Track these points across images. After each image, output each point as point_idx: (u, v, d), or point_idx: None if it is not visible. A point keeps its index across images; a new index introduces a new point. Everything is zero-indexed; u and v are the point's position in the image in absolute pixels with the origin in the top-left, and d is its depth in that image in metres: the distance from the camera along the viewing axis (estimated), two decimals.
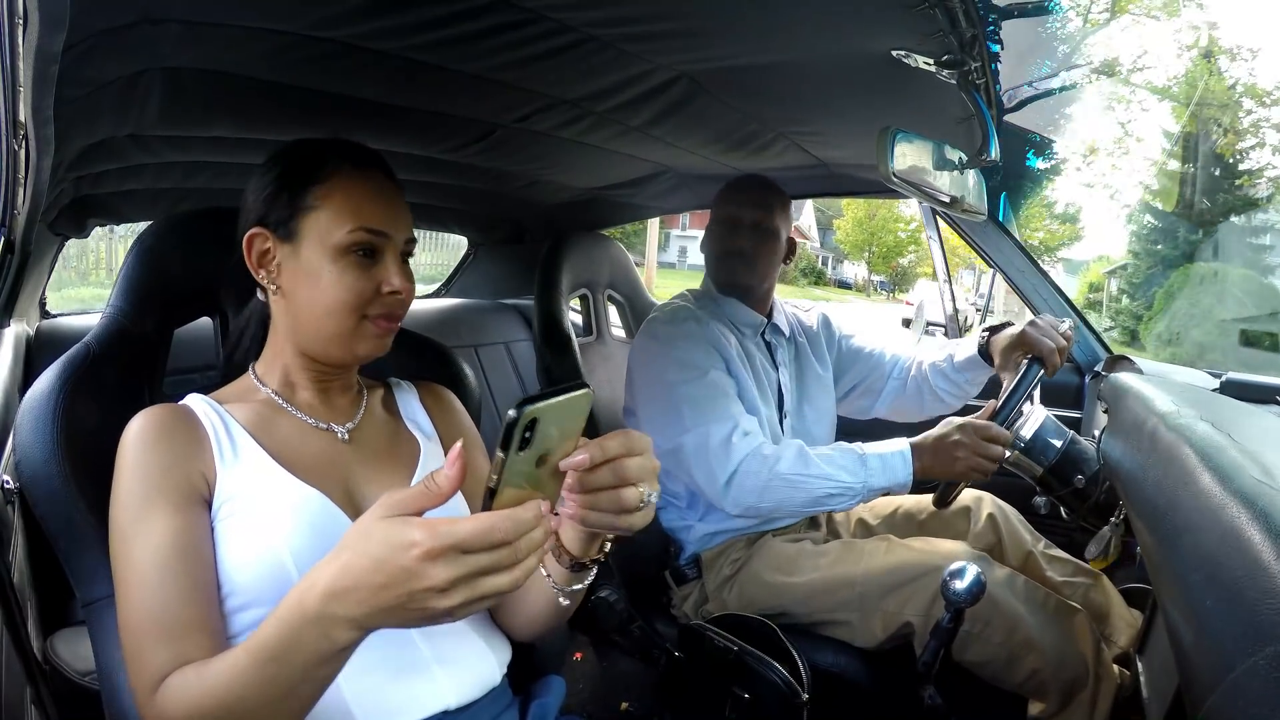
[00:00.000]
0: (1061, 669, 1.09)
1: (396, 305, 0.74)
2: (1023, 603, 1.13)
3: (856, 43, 0.85)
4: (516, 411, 0.46)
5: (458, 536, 0.46)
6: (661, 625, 1.36)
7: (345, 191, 0.71)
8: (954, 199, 1.09)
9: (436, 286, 2.36)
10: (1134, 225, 14.52)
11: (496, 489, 0.48)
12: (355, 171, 0.72)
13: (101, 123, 0.94)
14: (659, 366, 1.28)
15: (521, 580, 0.48)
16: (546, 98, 1.07)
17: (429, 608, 0.47)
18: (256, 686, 0.52)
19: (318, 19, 0.79)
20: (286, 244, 0.72)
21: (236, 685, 0.53)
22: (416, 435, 0.83)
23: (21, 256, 1.02)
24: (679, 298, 1.42)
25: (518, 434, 0.47)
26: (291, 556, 0.66)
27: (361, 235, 0.71)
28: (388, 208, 0.73)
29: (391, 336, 0.76)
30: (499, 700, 0.77)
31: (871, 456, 1.17)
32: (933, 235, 1.95)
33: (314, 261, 0.71)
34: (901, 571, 1.18)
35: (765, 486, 1.17)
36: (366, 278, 0.72)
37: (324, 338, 0.73)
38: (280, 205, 0.72)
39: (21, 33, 0.56)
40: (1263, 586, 0.39)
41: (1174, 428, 0.67)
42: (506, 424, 0.47)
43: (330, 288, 0.71)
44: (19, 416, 0.72)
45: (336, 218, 0.71)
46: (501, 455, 0.47)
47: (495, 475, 0.48)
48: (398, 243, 0.74)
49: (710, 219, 1.42)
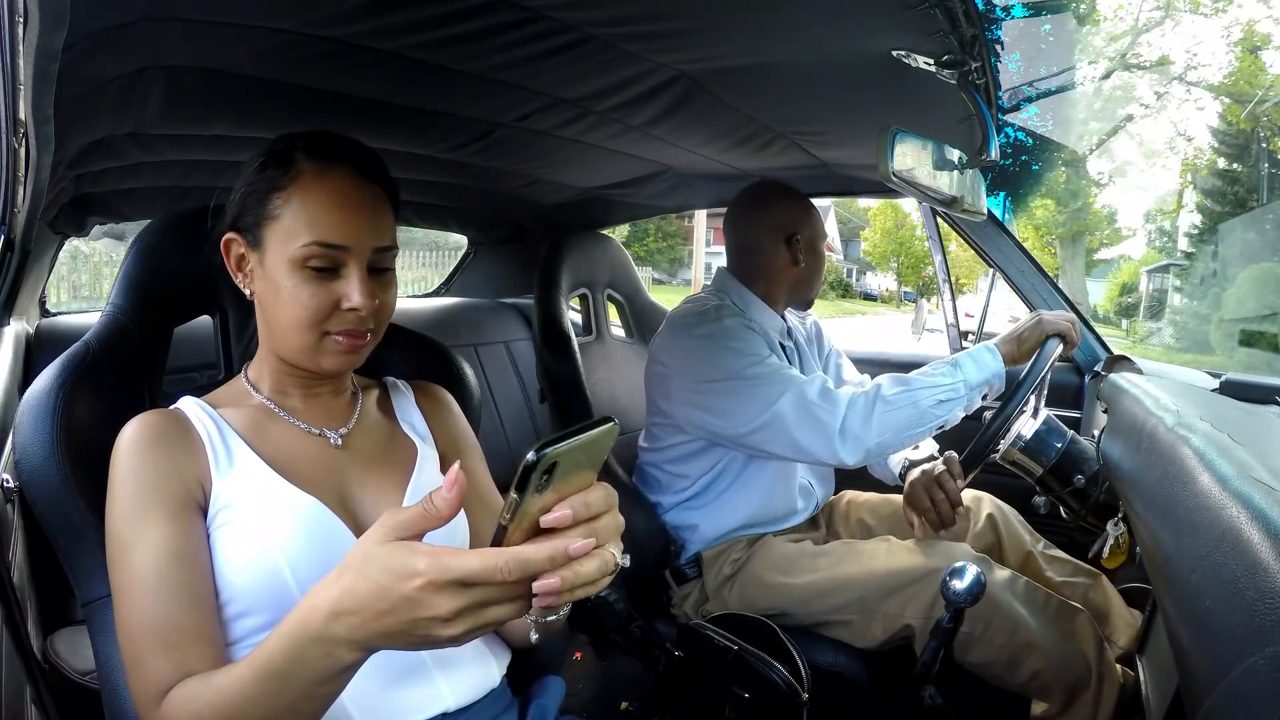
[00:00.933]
0: (1064, 670, 1.09)
1: (358, 322, 0.70)
2: (1024, 604, 1.13)
3: (856, 43, 0.85)
4: (535, 455, 0.44)
5: (461, 571, 0.45)
6: (661, 625, 1.36)
7: (303, 199, 0.67)
8: (954, 199, 1.09)
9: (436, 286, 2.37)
10: (1184, 225, 14.21)
11: (508, 528, 0.46)
12: (318, 174, 0.68)
13: (102, 121, 0.94)
14: (716, 359, 1.26)
15: (526, 609, 0.47)
16: (546, 97, 1.07)
17: (431, 635, 0.46)
18: (260, 702, 0.52)
19: (318, 17, 0.79)
20: (255, 251, 0.70)
21: (240, 700, 0.53)
22: (412, 438, 0.82)
23: (21, 255, 1.01)
24: (704, 297, 1.40)
25: (535, 478, 0.44)
26: (287, 563, 0.65)
27: (314, 250, 0.67)
28: (349, 216, 0.68)
29: (360, 353, 0.72)
30: (498, 701, 0.76)
31: (962, 356, 1.19)
32: (933, 236, 1.94)
33: (276, 272, 0.68)
34: (902, 574, 1.18)
35: (879, 418, 1.15)
36: (324, 292, 0.68)
37: (290, 350, 0.71)
38: (249, 210, 0.70)
39: (22, 31, 0.56)
40: (1262, 586, 0.39)
41: (1174, 428, 0.67)
42: (524, 467, 0.44)
43: (288, 302, 0.68)
44: (18, 415, 0.72)
45: (293, 230, 0.67)
46: (516, 497, 0.45)
47: (508, 515, 0.46)
48: (362, 253, 0.69)
49: (796, 233, 1.39)
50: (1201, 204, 14.09)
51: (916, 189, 1.00)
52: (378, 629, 0.47)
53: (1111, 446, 0.91)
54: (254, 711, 0.53)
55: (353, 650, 0.49)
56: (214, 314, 0.88)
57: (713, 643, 1.19)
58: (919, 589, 1.16)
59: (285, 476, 0.70)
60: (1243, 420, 0.76)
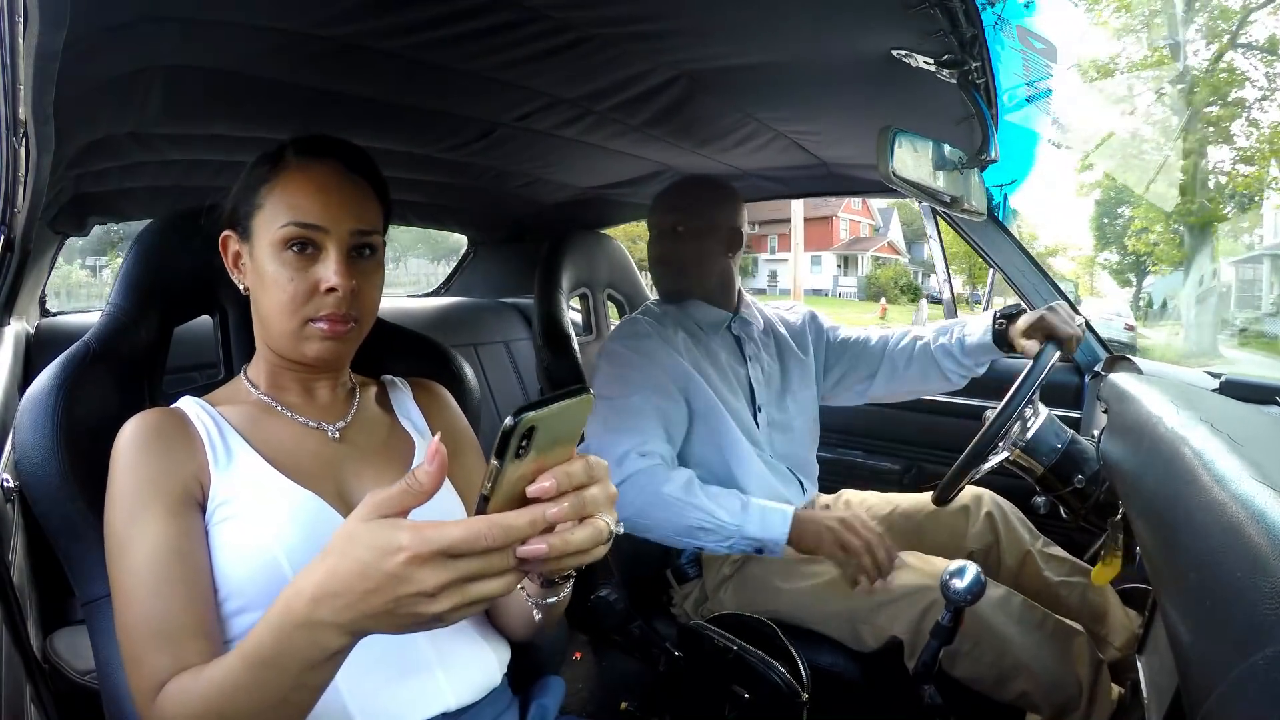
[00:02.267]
0: (1054, 691, 1.08)
1: (337, 305, 0.70)
2: (1016, 624, 1.12)
3: (857, 42, 0.85)
4: (513, 419, 0.45)
5: (444, 542, 0.44)
6: (661, 625, 1.36)
7: (285, 186, 0.70)
8: (954, 199, 1.09)
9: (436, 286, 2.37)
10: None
11: (490, 497, 0.46)
12: (303, 165, 0.71)
13: (102, 120, 0.94)
14: (600, 379, 1.31)
15: (514, 585, 0.47)
16: (546, 96, 1.07)
17: (418, 613, 0.46)
18: (249, 692, 0.52)
19: (318, 17, 0.79)
20: (246, 244, 0.72)
21: (229, 689, 0.53)
22: (411, 433, 0.82)
23: (21, 254, 1.02)
24: (642, 309, 1.43)
25: (514, 442, 0.45)
26: (286, 558, 0.65)
27: (292, 230, 0.69)
28: (328, 199, 0.70)
29: (344, 341, 0.72)
30: (498, 701, 0.76)
31: (755, 506, 1.19)
32: (933, 235, 1.94)
33: (261, 260, 0.70)
34: (891, 589, 1.17)
35: (647, 504, 1.18)
36: (303, 276, 0.69)
37: (276, 337, 0.72)
38: (240, 206, 0.72)
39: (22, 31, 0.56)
40: (1262, 587, 0.39)
41: (1174, 428, 0.67)
42: (502, 432, 0.45)
43: (270, 286, 0.70)
44: (18, 415, 0.72)
45: (274, 214, 0.70)
46: (496, 464, 0.46)
47: (489, 484, 0.46)
48: (340, 236, 0.70)
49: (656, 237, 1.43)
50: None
51: (916, 189, 1.00)
52: (363, 609, 0.47)
53: (1111, 446, 0.91)
54: (246, 701, 0.52)
55: (339, 635, 0.49)
56: (214, 314, 0.88)
57: (713, 643, 1.19)
58: (907, 604, 1.15)
59: (283, 472, 0.70)
60: (1243, 420, 0.76)
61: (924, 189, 1.01)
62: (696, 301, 1.41)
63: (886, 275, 28.49)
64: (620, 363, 1.31)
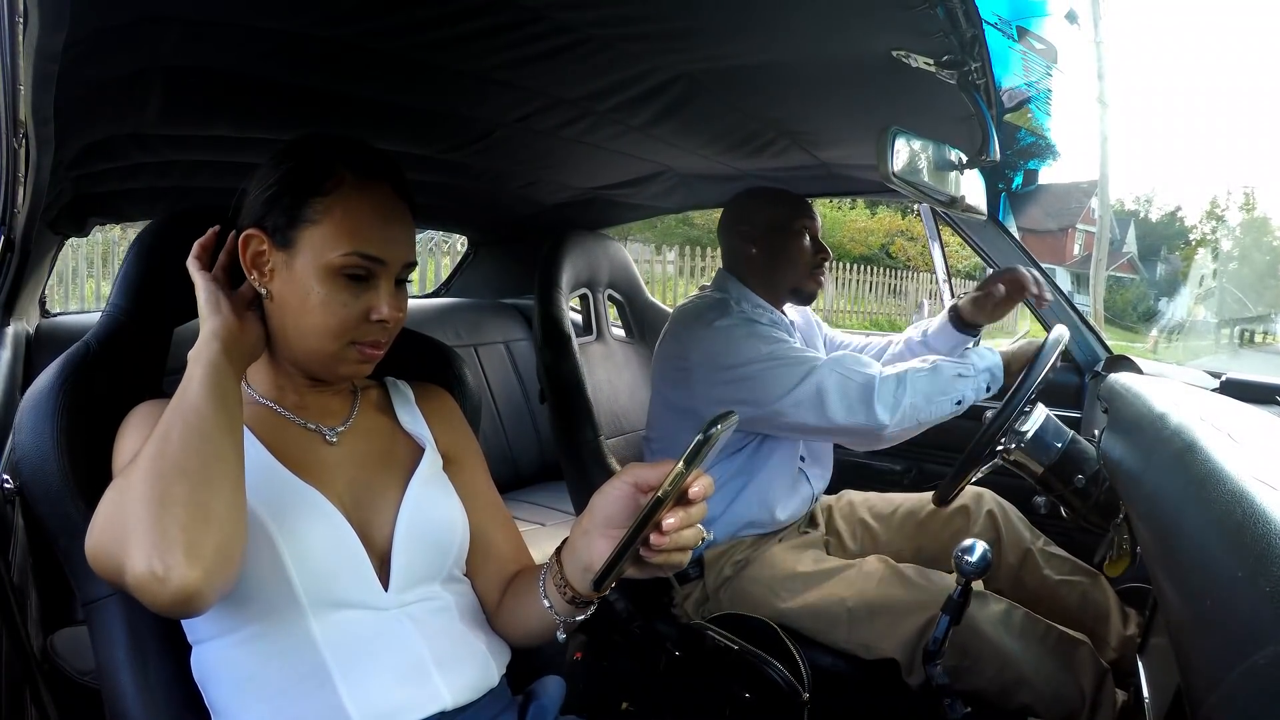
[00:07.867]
0: (1056, 704, 1.08)
1: (383, 333, 0.72)
2: (1018, 639, 1.12)
3: (856, 43, 0.85)
4: (705, 433, 0.51)
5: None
6: (662, 625, 1.35)
7: (346, 208, 0.68)
8: (954, 199, 1.09)
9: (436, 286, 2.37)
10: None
11: (664, 500, 0.53)
12: (361, 186, 0.69)
13: (102, 121, 0.94)
14: (741, 345, 1.27)
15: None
16: (546, 97, 1.07)
17: None
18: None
19: (318, 18, 0.79)
20: (281, 251, 0.69)
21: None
22: (411, 437, 0.82)
23: (21, 255, 1.02)
24: (711, 295, 1.41)
25: (706, 452, 0.52)
26: (288, 553, 0.66)
27: (355, 260, 0.68)
28: (389, 230, 0.70)
29: (374, 363, 0.74)
30: (498, 701, 0.76)
31: (971, 352, 1.29)
32: (933, 236, 1.94)
33: (305, 277, 0.68)
34: (888, 606, 1.17)
35: (910, 380, 1.20)
36: (356, 303, 0.69)
37: (306, 354, 0.72)
38: (280, 210, 0.69)
39: (22, 31, 0.56)
40: (1263, 586, 0.39)
41: (1174, 428, 0.67)
42: (698, 442, 0.52)
43: (317, 309, 0.68)
44: (19, 415, 0.72)
45: (333, 237, 0.68)
46: (683, 469, 0.52)
47: (669, 487, 0.53)
48: (394, 268, 0.71)
49: (771, 229, 1.40)
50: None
51: (916, 189, 1.00)
52: None
53: (1112, 446, 0.91)
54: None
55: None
56: None
57: (713, 642, 1.19)
58: (904, 623, 1.14)
59: (288, 467, 0.70)
60: (1243, 420, 0.76)
61: (924, 189, 1.01)
62: (761, 302, 1.41)
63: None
64: (750, 327, 1.31)
